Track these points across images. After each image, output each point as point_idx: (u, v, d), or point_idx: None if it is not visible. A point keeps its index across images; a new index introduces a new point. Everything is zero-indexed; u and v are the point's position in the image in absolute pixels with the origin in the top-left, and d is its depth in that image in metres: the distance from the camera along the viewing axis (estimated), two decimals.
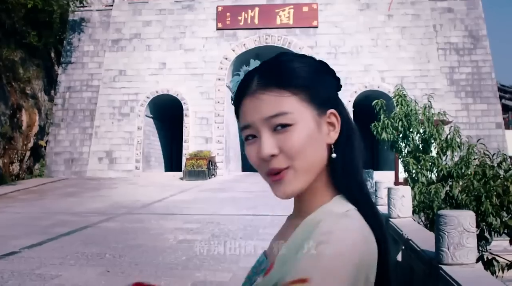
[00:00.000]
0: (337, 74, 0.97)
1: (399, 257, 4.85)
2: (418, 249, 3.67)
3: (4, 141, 20.22)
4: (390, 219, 5.15)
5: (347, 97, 22.64)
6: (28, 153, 22.23)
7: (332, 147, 0.91)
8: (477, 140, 6.19)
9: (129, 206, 13.42)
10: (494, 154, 5.00)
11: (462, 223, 2.94)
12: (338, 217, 0.84)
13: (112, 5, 25.78)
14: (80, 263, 6.98)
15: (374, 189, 7.44)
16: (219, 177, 22.54)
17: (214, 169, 22.74)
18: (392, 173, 12.78)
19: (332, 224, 0.82)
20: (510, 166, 4.73)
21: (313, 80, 0.90)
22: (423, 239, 4.03)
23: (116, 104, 24.17)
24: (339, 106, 0.94)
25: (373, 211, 0.92)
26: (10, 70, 21.33)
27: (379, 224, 0.90)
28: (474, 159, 5.55)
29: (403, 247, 4.58)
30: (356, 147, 0.95)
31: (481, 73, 24.02)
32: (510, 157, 4.71)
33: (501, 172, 5.34)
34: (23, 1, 20.45)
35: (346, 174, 0.92)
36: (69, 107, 24.45)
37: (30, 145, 22.38)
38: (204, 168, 21.43)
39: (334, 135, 0.91)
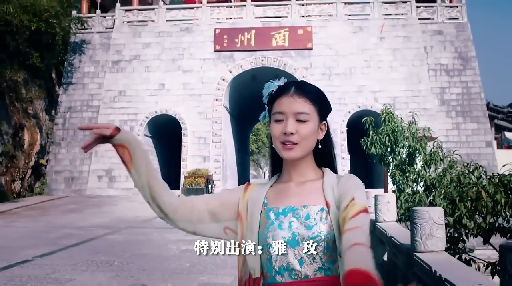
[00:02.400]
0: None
1: (385, 258, 5.39)
2: (398, 243, 4.25)
3: (7, 159, 20.70)
4: (377, 223, 5.69)
5: (341, 117, 23.19)
6: (29, 171, 22.67)
7: (319, 140, 1.60)
8: (453, 151, 6.78)
9: (131, 220, 13.90)
10: (468, 163, 5.58)
11: (432, 216, 3.56)
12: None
13: (112, 28, 26.50)
14: (91, 269, 7.47)
15: None
16: None
17: (211, 187, 23.22)
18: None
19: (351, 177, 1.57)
20: (481, 174, 5.31)
21: (325, 104, 1.61)
22: (403, 236, 4.59)
23: (116, 124, 24.55)
24: (327, 121, 1.64)
25: (336, 171, 1.67)
26: (13, 91, 21.93)
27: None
28: (451, 168, 6.14)
29: (388, 248, 5.13)
30: (331, 142, 1.68)
31: (470, 93, 24.67)
32: (487, 172, 5.25)
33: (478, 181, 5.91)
34: (27, 24, 21.11)
35: (328, 155, 1.67)
36: (69, 126, 24.91)
37: (32, 163, 22.83)
38: (202, 185, 21.96)
39: (321, 135, 1.61)
